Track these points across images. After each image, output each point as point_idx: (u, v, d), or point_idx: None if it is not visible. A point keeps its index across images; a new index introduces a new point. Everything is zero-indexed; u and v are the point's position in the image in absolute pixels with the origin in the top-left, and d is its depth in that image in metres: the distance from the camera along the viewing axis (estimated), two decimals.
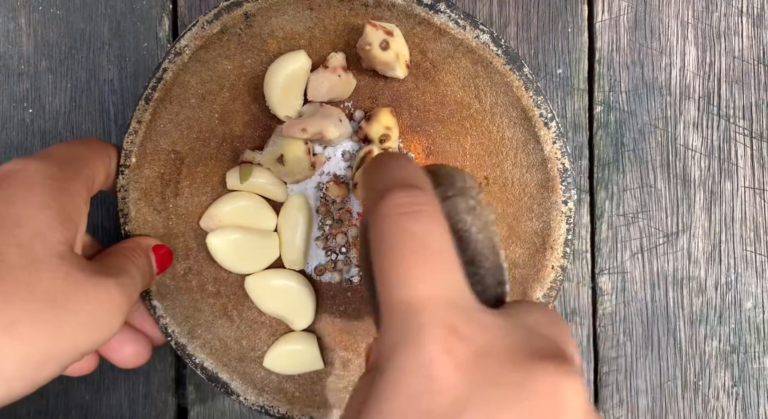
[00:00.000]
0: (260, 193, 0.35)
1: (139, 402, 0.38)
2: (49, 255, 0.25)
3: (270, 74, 0.33)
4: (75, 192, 0.28)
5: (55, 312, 0.24)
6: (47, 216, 0.26)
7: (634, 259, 0.38)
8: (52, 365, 0.24)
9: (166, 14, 0.37)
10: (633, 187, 0.38)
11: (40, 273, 0.24)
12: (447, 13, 0.32)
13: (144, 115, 0.32)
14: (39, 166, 0.27)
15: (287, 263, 0.35)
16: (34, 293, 0.24)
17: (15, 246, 0.24)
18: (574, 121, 0.37)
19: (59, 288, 0.24)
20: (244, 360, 0.34)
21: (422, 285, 0.18)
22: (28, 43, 0.37)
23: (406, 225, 0.19)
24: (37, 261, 0.24)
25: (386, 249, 0.19)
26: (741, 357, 0.38)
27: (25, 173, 0.27)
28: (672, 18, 0.37)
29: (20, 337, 0.23)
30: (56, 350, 0.24)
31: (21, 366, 0.23)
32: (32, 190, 0.26)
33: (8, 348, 0.23)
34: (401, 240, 0.19)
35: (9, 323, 0.23)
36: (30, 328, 0.23)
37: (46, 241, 0.25)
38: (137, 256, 0.30)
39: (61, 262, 0.25)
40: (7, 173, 0.27)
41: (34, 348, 0.23)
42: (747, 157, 0.38)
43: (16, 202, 0.25)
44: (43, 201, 0.26)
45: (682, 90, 0.37)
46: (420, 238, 0.19)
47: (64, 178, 0.27)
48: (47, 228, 0.25)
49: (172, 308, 0.34)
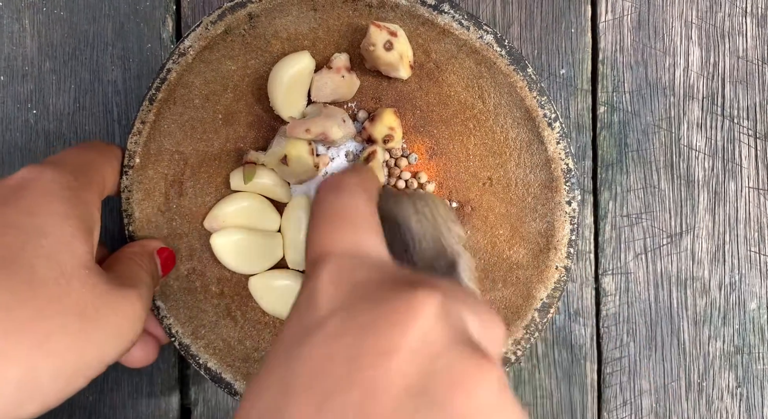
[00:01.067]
0: (264, 193, 0.35)
1: (143, 402, 0.38)
2: (76, 267, 0.25)
3: (274, 75, 0.33)
4: (90, 201, 0.28)
5: (85, 325, 0.24)
6: (71, 227, 0.25)
7: (637, 260, 0.38)
8: (81, 377, 0.24)
9: (169, 15, 0.37)
10: (636, 188, 0.37)
11: (70, 285, 0.24)
12: (450, 13, 0.32)
13: (148, 115, 0.32)
14: (54, 175, 0.27)
15: (291, 263, 0.35)
16: (66, 306, 0.24)
17: (43, 258, 0.24)
18: (577, 122, 0.37)
19: (88, 301, 0.24)
20: (248, 360, 0.34)
21: (327, 241, 0.22)
22: (32, 44, 0.37)
23: (329, 197, 0.24)
24: (66, 274, 0.24)
25: (312, 216, 0.24)
26: (745, 358, 0.37)
27: (41, 182, 0.26)
28: (676, 18, 0.37)
29: (54, 351, 0.23)
30: (85, 363, 0.24)
31: (54, 381, 0.23)
32: (52, 200, 0.26)
33: (43, 362, 0.23)
34: (322, 207, 0.24)
35: (44, 338, 0.23)
36: (63, 342, 0.23)
37: (73, 252, 0.25)
38: (146, 262, 0.30)
39: (88, 274, 0.25)
40: (22, 182, 0.26)
41: (67, 361, 0.23)
42: (751, 157, 0.37)
43: (39, 213, 0.25)
44: (65, 211, 0.26)
45: (685, 90, 0.37)
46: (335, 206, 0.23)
47: (79, 187, 0.27)
48: (72, 239, 0.25)
49: (176, 309, 0.34)
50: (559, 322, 0.38)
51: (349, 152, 0.35)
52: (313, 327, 0.19)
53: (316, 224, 0.23)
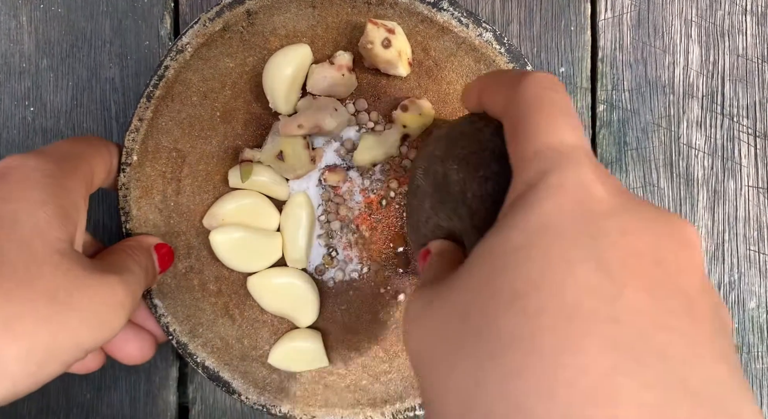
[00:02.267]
0: (262, 191, 0.35)
1: (141, 400, 0.37)
2: (49, 253, 0.25)
3: (271, 63, 0.33)
4: (73, 189, 0.28)
5: (57, 309, 0.24)
6: (46, 214, 0.26)
7: None
8: (54, 362, 0.24)
9: (167, 12, 0.37)
10: (636, 186, 0.37)
11: (41, 269, 0.24)
12: (450, 11, 0.32)
13: (145, 112, 0.32)
14: (37, 163, 0.27)
15: (290, 262, 0.35)
16: (35, 290, 0.24)
17: (15, 243, 0.24)
18: None
19: (60, 285, 0.24)
20: (246, 359, 0.34)
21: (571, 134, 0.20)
22: (29, 42, 0.37)
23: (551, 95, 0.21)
24: (37, 259, 0.24)
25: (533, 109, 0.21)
26: (744, 357, 0.37)
27: (23, 170, 0.26)
28: (675, 16, 0.37)
29: (22, 334, 0.23)
30: (58, 347, 0.24)
31: (23, 363, 0.23)
32: (30, 187, 0.26)
33: (10, 344, 0.23)
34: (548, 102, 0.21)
35: (10, 319, 0.23)
36: (31, 325, 0.23)
37: (45, 238, 0.25)
38: (139, 255, 0.30)
39: (61, 259, 0.25)
40: (4, 170, 0.26)
41: (36, 344, 0.23)
42: (751, 155, 0.37)
43: (15, 199, 0.25)
44: (41, 198, 0.26)
45: (685, 88, 0.37)
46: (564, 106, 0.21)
47: (62, 175, 0.27)
48: (46, 225, 0.25)
49: (174, 307, 0.33)
50: None
51: (348, 140, 0.35)
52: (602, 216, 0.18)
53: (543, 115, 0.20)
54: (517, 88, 0.22)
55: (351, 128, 0.35)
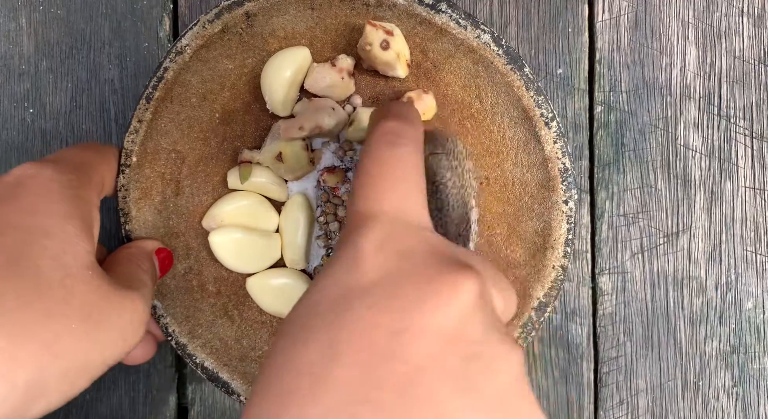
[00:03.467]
0: (261, 192, 0.35)
1: (140, 401, 0.38)
2: (81, 268, 0.25)
3: (269, 66, 0.33)
4: (90, 200, 0.27)
5: (90, 327, 0.24)
6: (74, 227, 0.25)
7: (634, 259, 0.38)
8: (85, 379, 0.24)
9: (166, 14, 0.37)
10: (633, 187, 0.38)
11: (75, 287, 0.24)
12: (448, 12, 0.32)
13: (145, 114, 0.32)
14: (53, 174, 0.26)
15: (289, 263, 0.35)
16: (72, 308, 0.24)
17: (49, 259, 0.24)
18: (574, 121, 0.37)
19: (93, 303, 0.24)
20: (245, 359, 0.34)
21: (378, 201, 0.21)
22: (28, 43, 0.37)
23: (384, 153, 0.22)
24: (71, 275, 0.24)
25: (362, 169, 0.22)
26: (741, 358, 0.38)
27: (41, 181, 0.26)
28: (672, 18, 0.38)
29: (61, 353, 0.23)
30: (90, 364, 0.24)
31: (60, 382, 0.23)
32: (53, 199, 0.25)
33: (51, 365, 0.23)
34: (376, 163, 0.22)
35: (52, 340, 0.23)
36: (69, 344, 0.23)
37: (77, 253, 0.25)
38: (144, 262, 0.30)
39: (92, 276, 0.25)
40: (21, 179, 0.26)
41: (73, 363, 0.23)
42: (747, 157, 0.38)
43: (40, 212, 0.25)
44: (66, 211, 0.25)
45: (682, 90, 0.37)
46: (391, 164, 0.22)
47: (80, 186, 0.27)
48: (76, 238, 0.25)
49: (173, 308, 0.34)
50: (555, 321, 0.38)
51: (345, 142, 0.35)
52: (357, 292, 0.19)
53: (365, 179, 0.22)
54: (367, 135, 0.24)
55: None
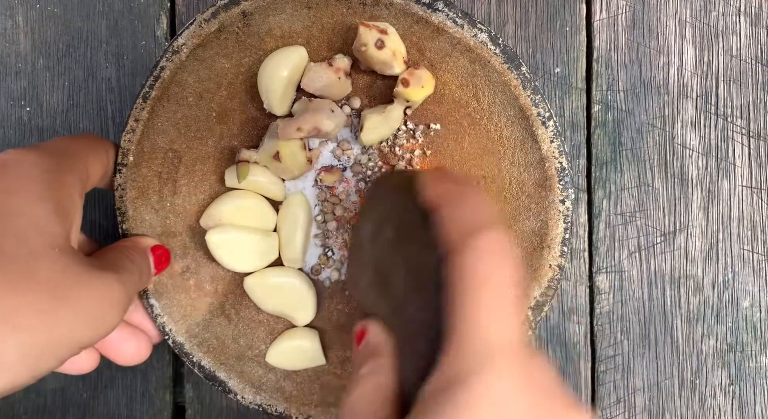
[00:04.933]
0: (259, 191, 0.35)
1: (137, 400, 0.38)
2: (47, 247, 0.25)
3: (266, 65, 0.33)
4: (70, 185, 0.28)
5: (55, 303, 0.24)
6: (45, 209, 0.26)
7: (631, 258, 0.38)
8: (50, 356, 0.24)
9: (164, 12, 0.37)
10: (630, 186, 0.38)
11: (39, 264, 0.24)
12: (445, 11, 0.32)
13: (142, 113, 0.32)
14: (35, 158, 0.27)
15: (286, 262, 0.35)
16: (35, 284, 0.24)
17: (13, 237, 0.24)
18: (571, 120, 0.37)
19: (59, 280, 0.24)
20: (242, 358, 0.34)
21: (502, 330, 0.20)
22: (25, 41, 0.37)
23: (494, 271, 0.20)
24: (36, 253, 0.24)
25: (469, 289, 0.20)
26: (738, 356, 0.38)
27: (22, 164, 0.26)
28: (670, 17, 0.37)
29: (21, 326, 0.23)
30: (55, 341, 0.24)
31: (22, 355, 0.23)
32: (30, 182, 0.26)
33: (10, 336, 0.23)
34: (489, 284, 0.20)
35: (11, 311, 0.23)
36: (31, 318, 0.23)
37: (44, 233, 0.25)
38: (136, 255, 0.30)
39: (59, 255, 0.25)
40: (4, 162, 0.26)
41: (34, 337, 0.23)
42: (744, 156, 0.38)
43: (14, 193, 0.25)
44: (40, 193, 0.26)
45: (679, 89, 0.37)
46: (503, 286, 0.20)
47: (60, 171, 0.27)
48: (45, 220, 0.25)
49: (170, 307, 0.34)
50: (553, 320, 0.38)
51: (343, 141, 0.35)
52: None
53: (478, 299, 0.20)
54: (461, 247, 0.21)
55: (347, 129, 0.35)
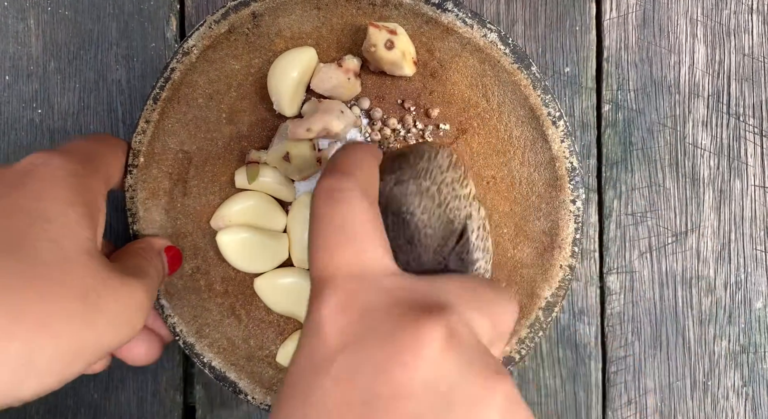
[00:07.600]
0: (268, 192, 0.35)
1: (148, 400, 0.38)
2: (79, 252, 0.25)
3: (275, 67, 0.33)
4: (95, 188, 0.28)
5: (86, 309, 0.24)
6: (75, 213, 0.26)
7: (642, 259, 0.37)
8: (79, 361, 0.24)
9: (173, 14, 0.37)
10: (641, 186, 0.37)
11: (72, 270, 0.24)
12: (454, 11, 0.32)
13: (152, 114, 0.32)
14: (61, 162, 0.27)
15: (297, 262, 0.35)
16: (68, 289, 0.24)
17: (47, 242, 0.24)
18: (582, 120, 0.37)
19: (90, 286, 0.25)
20: (252, 359, 0.34)
21: (330, 263, 0.21)
22: (37, 44, 0.37)
23: (326, 210, 0.22)
24: (69, 258, 0.24)
25: (310, 233, 0.22)
26: (751, 357, 0.37)
27: (49, 168, 0.27)
28: (681, 15, 0.37)
29: (55, 333, 0.23)
30: (85, 347, 0.24)
31: (54, 362, 0.23)
32: (58, 186, 0.26)
33: (44, 342, 0.23)
34: (321, 222, 0.22)
35: (46, 318, 0.23)
36: (63, 324, 0.23)
37: (76, 238, 0.25)
38: (152, 257, 0.30)
39: (90, 260, 0.25)
40: (30, 167, 0.27)
41: (67, 343, 0.23)
42: (757, 155, 0.37)
43: (44, 198, 0.25)
44: (70, 197, 0.26)
45: (691, 88, 0.37)
46: (335, 222, 0.22)
47: (85, 175, 0.28)
48: (76, 225, 0.25)
49: (180, 307, 0.34)
50: (563, 321, 0.37)
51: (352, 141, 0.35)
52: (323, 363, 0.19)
53: (315, 243, 0.22)
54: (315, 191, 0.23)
55: (355, 129, 0.35)
